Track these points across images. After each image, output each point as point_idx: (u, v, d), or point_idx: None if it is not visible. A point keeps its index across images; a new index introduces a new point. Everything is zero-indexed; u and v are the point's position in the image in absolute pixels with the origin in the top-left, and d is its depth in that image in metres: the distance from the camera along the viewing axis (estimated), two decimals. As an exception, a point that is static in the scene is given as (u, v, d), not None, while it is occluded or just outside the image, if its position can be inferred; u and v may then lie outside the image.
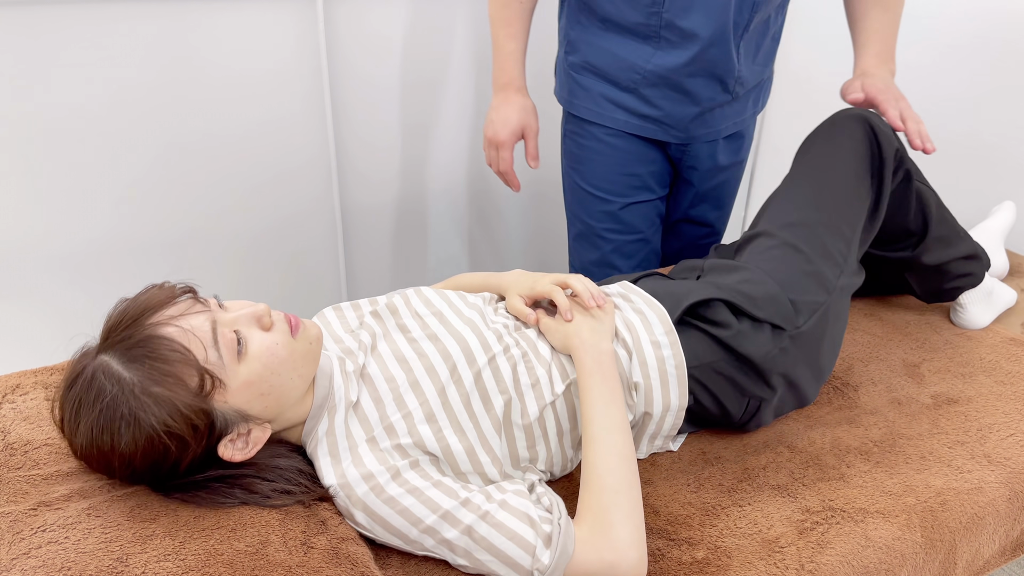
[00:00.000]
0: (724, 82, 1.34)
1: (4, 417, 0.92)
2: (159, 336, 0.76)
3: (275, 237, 1.80)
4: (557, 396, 0.95)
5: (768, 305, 1.05)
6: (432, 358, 0.92)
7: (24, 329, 1.61)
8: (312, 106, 1.70)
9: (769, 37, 1.37)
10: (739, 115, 1.44)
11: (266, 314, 0.83)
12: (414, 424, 0.86)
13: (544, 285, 1.02)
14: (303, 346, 0.85)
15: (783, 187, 1.23)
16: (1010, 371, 1.25)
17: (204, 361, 0.76)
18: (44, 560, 0.70)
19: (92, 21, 1.42)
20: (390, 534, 0.82)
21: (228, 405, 0.79)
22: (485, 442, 0.89)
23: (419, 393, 0.88)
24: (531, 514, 0.81)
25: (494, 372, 0.92)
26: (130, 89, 1.51)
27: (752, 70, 1.37)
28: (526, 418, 0.93)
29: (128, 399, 0.74)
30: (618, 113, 1.39)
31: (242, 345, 0.79)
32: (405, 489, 0.81)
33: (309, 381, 0.87)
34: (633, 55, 1.32)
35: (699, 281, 1.11)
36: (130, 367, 0.75)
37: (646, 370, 1.00)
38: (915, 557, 0.93)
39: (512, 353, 0.95)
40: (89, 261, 1.61)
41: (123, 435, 0.74)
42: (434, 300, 1.02)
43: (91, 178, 1.54)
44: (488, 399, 0.91)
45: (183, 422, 0.75)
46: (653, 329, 1.02)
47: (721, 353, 1.04)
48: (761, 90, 1.47)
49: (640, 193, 1.47)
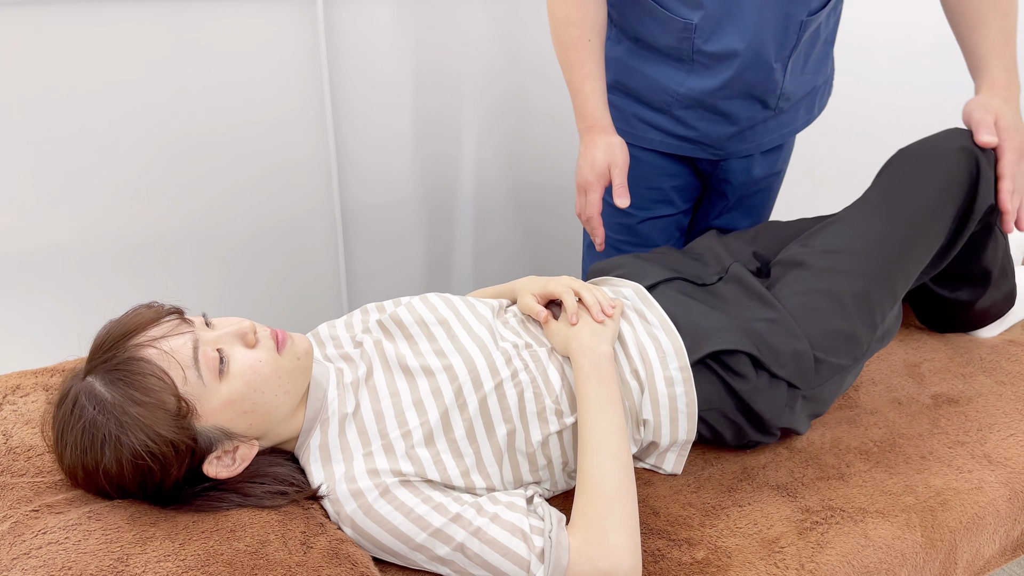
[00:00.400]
0: (764, 101, 1.27)
1: (5, 420, 0.92)
2: (138, 358, 0.77)
3: (275, 238, 1.80)
4: (565, 427, 0.93)
5: (791, 363, 1.00)
6: (439, 377, 0.90)
7: (24, 329, 1.61)
8: (312, 106, 1.70)
9: (821, 43, 1.27)
10: (786, 127, 1.36)
11: (251, 331, 0.83)
12: (412, 446, 0.85)
13: (556, 285, 1.01)
14: (289, 362, 0.84)
15: (854, 207, 1.14)
16: (1010, 371, 1.25)
17: (183, 383, 0.77)
18: (45, 560, 0.70)
19: (91, 21, 1.42)
20: (382, 552, 0.82)
21: (210, 424, 0.79)
22: (483, 467, 0.88)
23: (421, 412, 0.87)
24: (524, 528, 0.80)
25: (500, 399, 0.90)
26: (129, 88, 1.50)
27: (801, 81, 1.28)
28: (530, 446, 0.91)
29: (109, 421, 0.75)
30: (651, 133, 1.35)
31: (224, 364, 0.79)
32: (393, 507, 0.80)
33: (298, 397, 0.86)
34: (665, 78, 1.27)
35: (723, 315, 1.04)
36: (111, 389, 0.76)
37: (657, 408, 0.98)
38: (915, 557, 0.93)
39: (520, 379, 0.92)
40: (89, 261, 1.61)
41: (107, 455, 0.76)
42: (440, 308, 1.00)
43: (90, 178, 1.54)
44: (491, 427, 0.89)
45: (163, 443, 0.76)
46: (668, 364, 0.98)
47: (731, 402, 1.01)
48: (816, 95, 1.36)
49: (661, 207, 1.42)
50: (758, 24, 1.16)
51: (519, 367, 0.93)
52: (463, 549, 0.79)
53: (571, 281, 1.02)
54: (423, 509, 0.80)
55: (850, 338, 1.03)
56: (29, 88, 1.42)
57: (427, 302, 1.01)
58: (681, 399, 0.98)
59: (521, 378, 0.92)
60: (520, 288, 1.07)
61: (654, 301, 1.05)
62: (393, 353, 0.94)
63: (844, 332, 1.03)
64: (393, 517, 0.80)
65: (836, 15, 1.27)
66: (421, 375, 0.91)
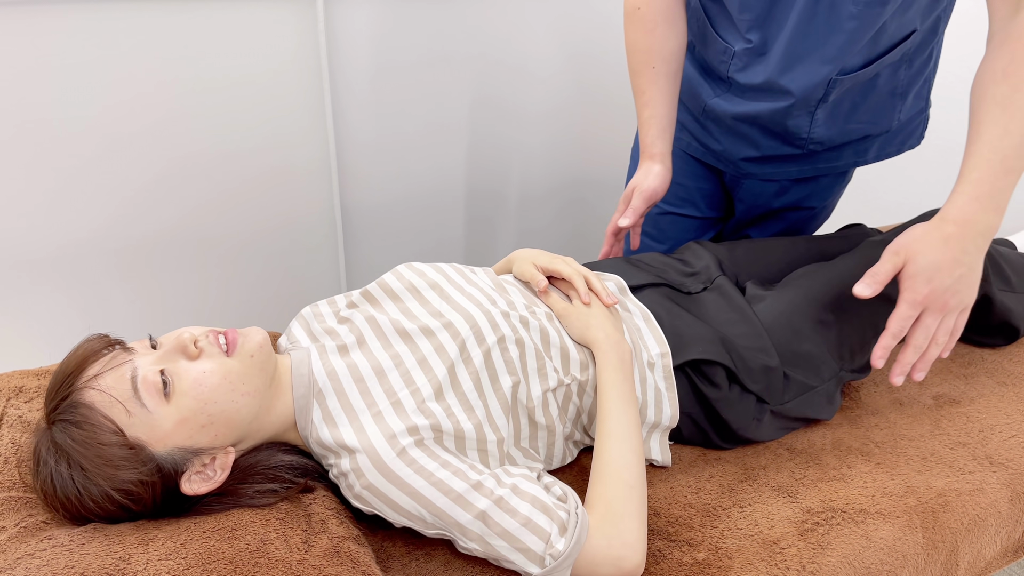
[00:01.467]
0: (790, 141, 1.25)
1: (12, 427, 0.92)
2: (80, 404, 0.76)
3: (275, 238, 1.79)
4: (561, 384, 0.94)
5: (762, 378, 1.03)
6: (439, 336, 0.89)
7: (24, 329, 1.61)
8: (312, 106, 1.70)
9: (884, 95, 1.21)
10: (820, 163, 1.30)
11: (190, 342, 0.81)
12: (423, 401, 0.84)
13: (563, 265, 1.02)
14: (240, 363, 0.82)
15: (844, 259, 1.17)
16: (1012, 372, 1.25)
17: (126, 419, 0.76)
18: (48, 559, 0.70)
19: (91, 20, 1.42)
20: (400, 516, 0.81)
21: (170, 447, 0.78)
22: (492, 421, 0.88)
23: (427, 370, 0.87)
24: (544, 500, 0.81)
25: (503, 352, 0.91)
26: (129, 89, 1.50)
27: (844, 130, 1.23)
28: (531, 401, 0.92)
29: (74, 470, 0.76)
30: (681, 132, 1.37)
31: (168, 386, 0.78)
32: (413, 469, 0.80)
33: (261, 393, 0.84)
34: (701, 88, 1.29)
35: (703, 325, 1.07)
36: (65, 438, 0.76)
37: (644, 387, 1.01)
38: (916, 558, 0.93)
39: (521, 335, 0.93)
40: (88, 261, 1.61)
41: (84, 500, 0.76)
42: (429, 272, 0.99)
43: (91, 178, 1.54)
44: (496, 378, 0.90)
45: (127, 480, 0.76)
46: (651, 349, 1.02)
47: (699, 409, 1.04)
48: (873, 142, 1.29)
49: (683, 206, 1.43)
50: (789, 71, 1.15)
51: (518, 324, 0.94)
52: (485, 518, 0.79)
53: (577, 265, 1.04)
54: (443, 474, 0.80)
55: (818, 360, 1.07)
56: (30, 88, 1.42)
57: (413, 268, 1.00)
58: (661, 381, 1.01)
59: (521, 335, 0.93)
60: (519, 257, 1.07)
61: (633, 297, 1.09)
62: (387, 321, 0.92)
63: (816, 355, 1.07)
64: (413, 480, 0.79)
65: (912, 70, 1.21)
66: (421, 336, 0.90)
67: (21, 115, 1.44)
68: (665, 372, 1.01)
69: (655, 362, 1.01)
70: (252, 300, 1.83)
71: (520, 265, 1.05)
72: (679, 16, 1.21)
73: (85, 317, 1.63)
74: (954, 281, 0.90)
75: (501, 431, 0.88)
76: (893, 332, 0.92)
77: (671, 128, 1.25)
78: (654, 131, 1.24)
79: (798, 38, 1.10)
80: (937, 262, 0.90)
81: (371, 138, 1.80)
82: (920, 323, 0.93)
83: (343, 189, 1.82)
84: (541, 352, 0.94)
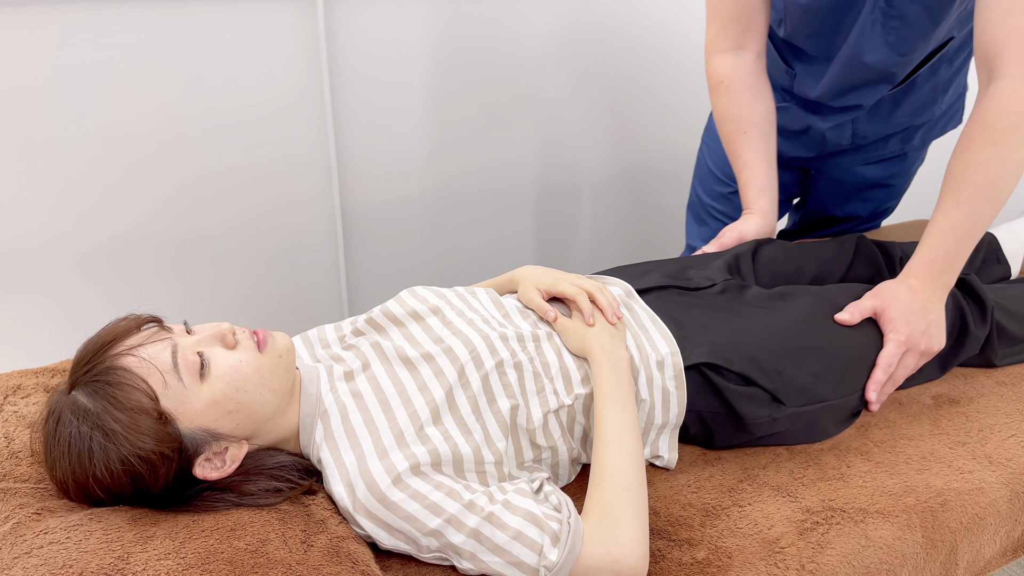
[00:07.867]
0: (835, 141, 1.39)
1: (7, 422, 0.92)
2: (117, 367, 0.77)
3: (275, 237, 1.80)
4: (563, 405, 0.95)
5: (776, 378, 1.03)
6: (439, 360, 0.91)
7: (24, 329, 1.61)
8: (312, 106, 1.70)
9: (925, 90, 1.30)
10: (871, 152, 1.43)
11: (229, 332, 0.84)
12: (421, 427, 0.85)
13: (566, 286, 1.02)
14: (271, 360, 0.85)
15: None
16: (1011, 372, 1.25)
17: (163, 389, 0.77)
18: (46, 559, 0.70)
19: (91, 20, 1.43)
20: (395, 539, 0.82)
21: (195, 426, 0.79)
22: (491, 443, 0.89)
23: (426, 394, 0.88)
24: (535, 512, 0.81)
25: (501, 376, 0.92)
26: (129, 88, 1.51)
27: (888, 123, 1.34)
28: (531, 423, 0.92)
29: (95, 431, 0.76)
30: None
31: (205, 366, 0.80)
32: (407, 494, 0.81)
33: (284, 395, 0.87)
34: (776, 70, 1.37)
35: (714, 325, 1.07)
36: (93, 400, 0.77)
37: (651, 388, 1.00)
38: (916, 557, 0.93)
39: (520, 359, 0.94)
40: (88, 260, 1.61)
41: (96, 464, 0.76)
42: (431, 298, 1.01)
43: (91, 177, 1.54)
44: (494, 400, 0.91)
45: (149, 447, 0.76)
46: (659, 349, 1.01)
47: (716, 400, 1.03)
48: (917, 131, 1.40)
49: None
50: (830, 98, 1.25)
51: (517, 348, 0.95)
52: (476, 535, 0.80)
53: (579, 280, 1.03)
54: (437, 496, 0.81)
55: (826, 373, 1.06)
56: (31, 87, 1.42)
57: (416, 294, 1.02)
58: (671, 381, 1.01)
59: (520, 359, 0.94)
60: (522, 278, 1.07)
61: (640, 299, 1.09)
62: (391, 348, 0.94)
63: (821, 365, 1.06)
64: (407, 504, 0.80)
65: (952, 68, 1.28)
66: (422, 362, 0.92)
67: (21, 115, 1.44)
68: (675, 371, 1.01)
69: (664, 361, 1.01)
70: (251, 299, 1.83)
71: (524, 290, 1.06)
72: (763, 83, 1.28)
73: (84, 317, 1.63)
74: (928, 325, 1.06)
75: (500, 452, 0.89)
76: (883, 367, 1.06)
77: (772, 186, 1.30)
78: (755, 190, 1.30)
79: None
80: (911, 306, 1.06)
81: (371, 137, 1.80)
82: (902, 362, 1.07)
83: (343, 189, 1.82)
84: (540, 374, 0.95)
